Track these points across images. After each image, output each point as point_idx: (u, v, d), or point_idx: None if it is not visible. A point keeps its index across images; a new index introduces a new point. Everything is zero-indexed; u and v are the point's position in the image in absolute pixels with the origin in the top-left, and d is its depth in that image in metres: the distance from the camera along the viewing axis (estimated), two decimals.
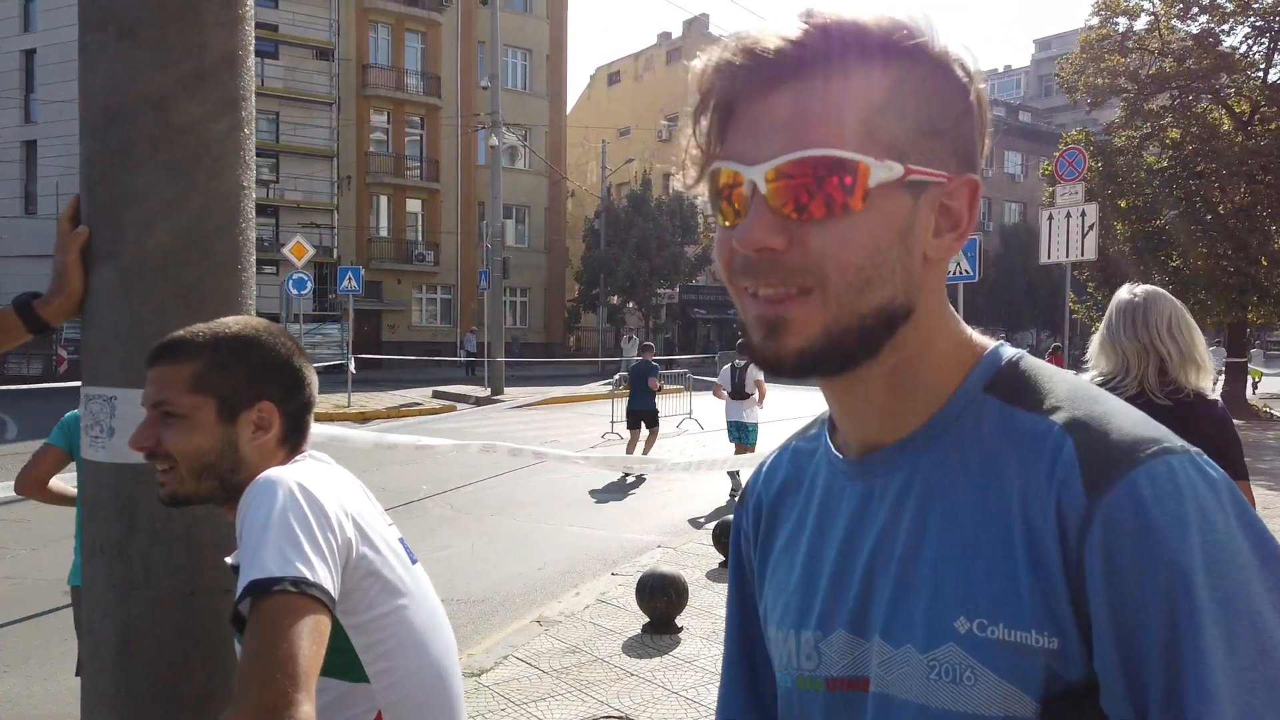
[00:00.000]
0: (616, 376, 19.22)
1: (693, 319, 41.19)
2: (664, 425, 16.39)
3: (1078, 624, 0.65)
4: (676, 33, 47.95)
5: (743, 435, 10.05)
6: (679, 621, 5.26)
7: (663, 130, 46.99)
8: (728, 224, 0.72)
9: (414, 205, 35.51)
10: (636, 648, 4.97)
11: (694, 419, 17.02)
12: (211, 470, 1.32)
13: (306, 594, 1.09)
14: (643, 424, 11.89)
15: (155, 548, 1.66)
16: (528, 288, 38.16)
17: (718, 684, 3.67)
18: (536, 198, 38.88)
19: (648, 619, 5.25)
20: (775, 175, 0.68)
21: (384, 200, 34.66)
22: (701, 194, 0.76)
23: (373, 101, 34.02)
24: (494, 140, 22.32)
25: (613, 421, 15.63)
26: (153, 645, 1.64)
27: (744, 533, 0.95)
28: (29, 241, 27.90)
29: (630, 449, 12.00)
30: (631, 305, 38.92)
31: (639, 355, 12.47)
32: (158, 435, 1.31)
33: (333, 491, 1.26)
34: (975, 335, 0.80)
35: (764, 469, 0.94)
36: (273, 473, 1.24)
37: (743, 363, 9.90)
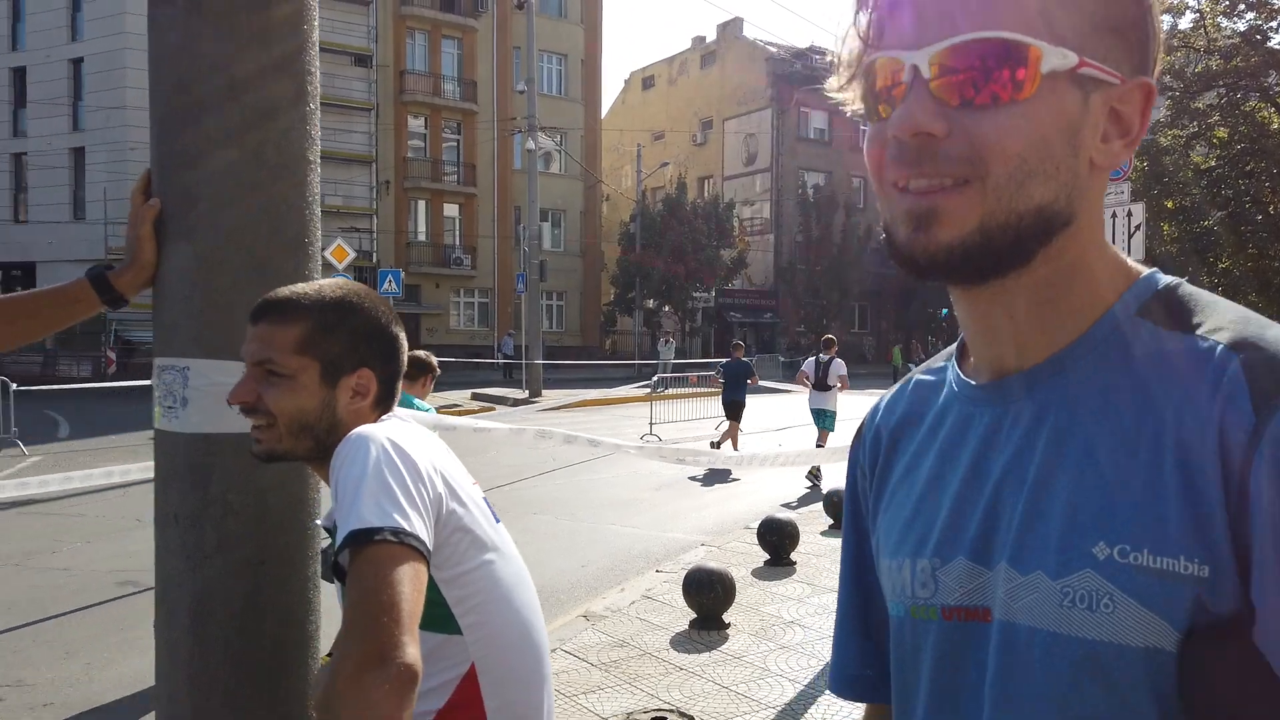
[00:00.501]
0: (655, 378, 19.19)
1: (728, 322, 41.07)
2: (703, 427, 16.36)
3: (1235, 552, 0.61)
4: (710, 36, 47.90)
5: (823, 421, 11.29)
6: (726, 618, 5.21)
7: (697, 134, 46.97)
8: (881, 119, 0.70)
9: (451, 209, 35.82)
10: (684, 643, 4.93)
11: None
12: (310, 431, 1.34)
13: (405, 544, 1.10)
14: (731, 417, 12.76)
15: (228, 518, 1.66)
16: (563, 291, 38.32)
17: (768, 680, 3.63)
18: (572, 202, 39.05)
19: (695, 615, 5.21)
20: (939, 59, 0.66)
21: (422, 205, 35.00)
22: (851, 99, 0.74)
23: (410, 107, 34.39)
24: (530, 144, 22.45)
25: (650, 424, 15.62)
26: (225, 613, 1.64)
27: (860, 468, 0.92)
28: (78, 246, 28.52)
29: (735, 441, 12.77)
30: (667, 309, 38.91)
31: (729, 354, 13.40)
32: (259, 392, 1.32)
33: (423, 448, 1.26)
34: (1129, 260, 0.76)
35: (883, 403, 0.91)
36: (365, 429, 1.25)
37: (826, 357, 11.19)
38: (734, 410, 12.71)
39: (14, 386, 13.01)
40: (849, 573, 0.95)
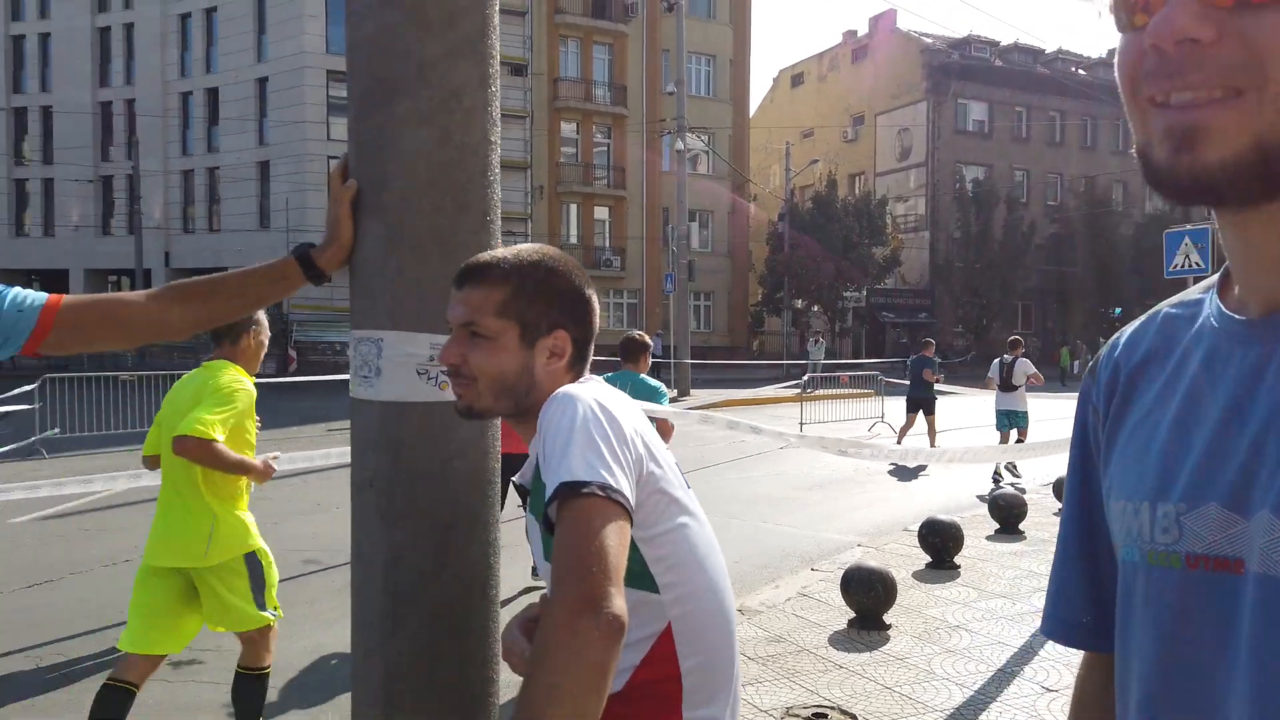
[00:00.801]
0: (805, 378, 18.92)
1: (880, 323, 39.96)
2: (855, 428, 15.98)
3: None
4: (862, 30, 46.83)
5: (1013, 422, 11.35)
6: (886, 619, 5.05)
7: (848, 130, 45.96)
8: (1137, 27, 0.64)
9: (601, 212, 36.52)
10: (843, 641, 4.81)
11: (886, 423, 16.47)
12: (509, 391, 1.38)
13: (612, 499, 1.12)
14: (920, 411, 12.90)
15: (416, 482, 1.73)
16: (711, 291, 38.34)
17: (933, 683, 3.48)
18: (719, 202, 39.03)
19: (853, 614, 5.07)
20: None
21: (573, 208, 35.85)
22: (1100, 6, 0.68)
23: (563, 113, 35.29)
24: (679, 145, 22.57)
25: (800, 424, 15.40)
26: (415, 574, 1.71)
27: (1091, 406, 0.86)
28: (263, 253, 30.78)
29: (902, 436, 13.04)
30: (816, 309, 38.25)
31: (915, 352, 13.66)
32: (464, 353, 1.37)
33: (625, 410, 1.29)
34: None
35: (1123, 338, 0.85)
36: (572, 389, 1.28)
37: (1010, 358, 11.24)
38: (919, 406, 12.86)
39: None
40: (1073, 514, 0.89)
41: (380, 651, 1.72)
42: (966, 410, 17.41)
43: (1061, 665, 4.38)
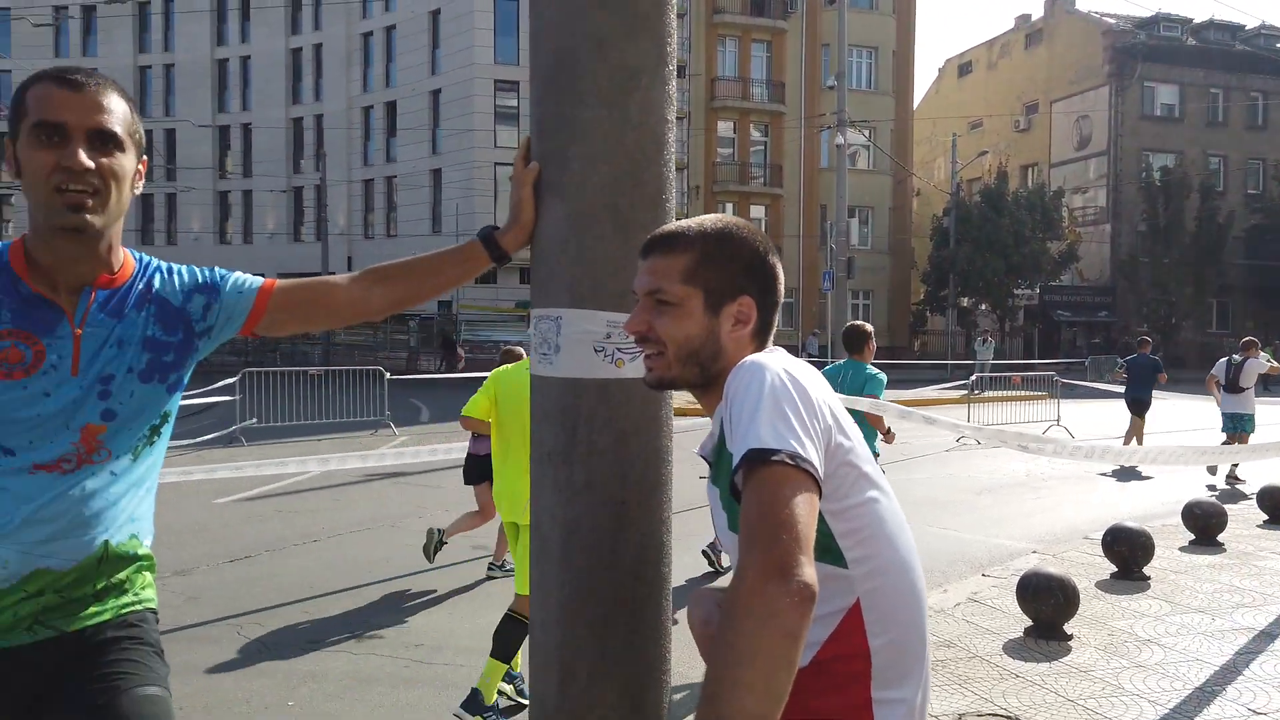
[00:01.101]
0: (973, 378, 18.11)
1: (1055, 321, 37.71)
2: (1032, 431, 15.14)
3: None
4: (1037, 14, 44.31)
5: (1238, 425, 10.92)
6: (1067, 629, 4.75)
7: (1020, 119, 43.63)
8: None
9: (758, 211, 36.22)
10: (1019, 650, 4.56)
11: (1062, 425, 15.54)
12: (695, 357, 1.39)
13: (801, 467, 1.10)
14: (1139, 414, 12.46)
15: (593, 457, 1.76)
16: (870, 290, 37.31)
17: (1122, 698, 3.22)
18: (880, 198, 37.93)
19: (1030, 622, 4.80)
20: None
21: (730, 207, 35.70)
22: None
23: (720, 113, 35.25)
24: (839, 140, 22.09)
25: (969, 421, 14.72)
26: (590, 547, 1.73)
27: None
28: None
29: (1140, 436, 12.54)
30: (984, 307, 36.51)
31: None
32: (650, 321, 1.39)
33: (813, 380, 1.27)
34: None
35: None
36: (759, 357, 1.27)
37: (1240, 358, 10.77)
38: (1139, 408, 12.30)
39: (388, 376, 15.05)
40: None
41: (557, 624, 1.76)
42: (1170, 415, 16.17)
43: (1271, 687, 3.98)
